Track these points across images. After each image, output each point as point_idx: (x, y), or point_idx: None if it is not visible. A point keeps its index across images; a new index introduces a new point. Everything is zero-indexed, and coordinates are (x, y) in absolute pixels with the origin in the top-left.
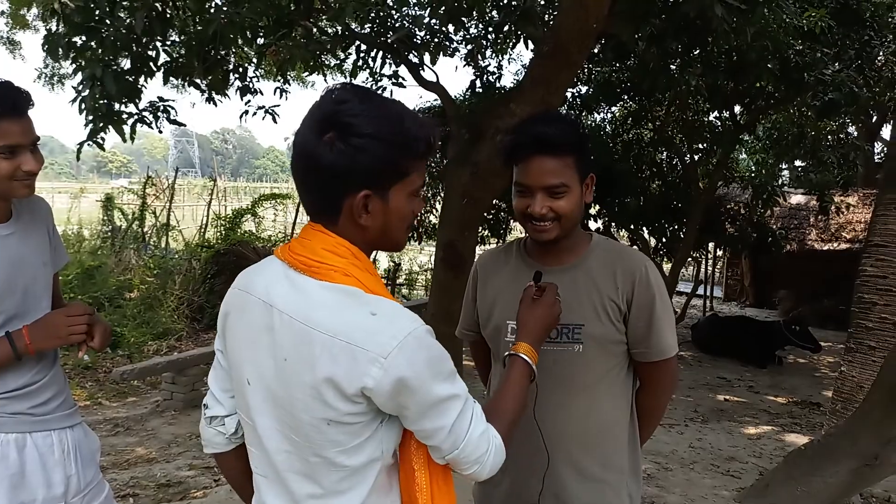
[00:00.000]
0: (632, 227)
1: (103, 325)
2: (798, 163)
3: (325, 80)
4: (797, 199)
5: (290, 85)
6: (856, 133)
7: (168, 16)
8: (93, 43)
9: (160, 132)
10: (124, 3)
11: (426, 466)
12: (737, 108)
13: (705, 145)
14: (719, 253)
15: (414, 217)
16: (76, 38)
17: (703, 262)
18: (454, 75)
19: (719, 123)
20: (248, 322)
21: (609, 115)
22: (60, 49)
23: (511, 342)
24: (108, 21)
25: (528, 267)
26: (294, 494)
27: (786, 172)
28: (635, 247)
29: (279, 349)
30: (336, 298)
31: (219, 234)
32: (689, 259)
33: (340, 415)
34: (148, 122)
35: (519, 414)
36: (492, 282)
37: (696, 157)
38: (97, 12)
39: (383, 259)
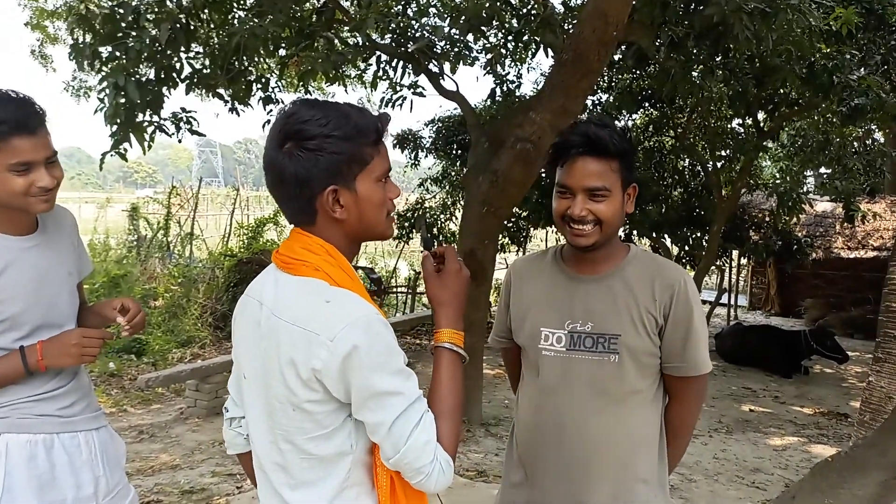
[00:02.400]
0: (653, 234)
1: (137, 307)
2: (823, 170)
3: (346, 90)
4: (823, 206)
5: (311, 95)
6: (882, 139)
7: (192, 28)
8: (118, 53)
9: (180, 142)
10: (149, 14)
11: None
12: (760, 115)
13: (728, 152)
14: (743, 261)
15: (391, 202)
16: (102, 49)
17: (728, 271)
18: (474, 84)
19: (742, 130)
20: (246, 321)
21: (630, 123)
22: (86, 59)
23: (543, 349)
24: (133, 32)
25: (564, 275)
26: (273, 484)
27: (811, 179)
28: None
29: (262, 340)
30: (299, 290)
31: (241, 242)
32: (713, 267)
33: (301, 401)
34: (168, 131)
35: (460, 407)
36: (526, 288)
37: (718, 165)
38: (123, 24)
39: (403, 268)
